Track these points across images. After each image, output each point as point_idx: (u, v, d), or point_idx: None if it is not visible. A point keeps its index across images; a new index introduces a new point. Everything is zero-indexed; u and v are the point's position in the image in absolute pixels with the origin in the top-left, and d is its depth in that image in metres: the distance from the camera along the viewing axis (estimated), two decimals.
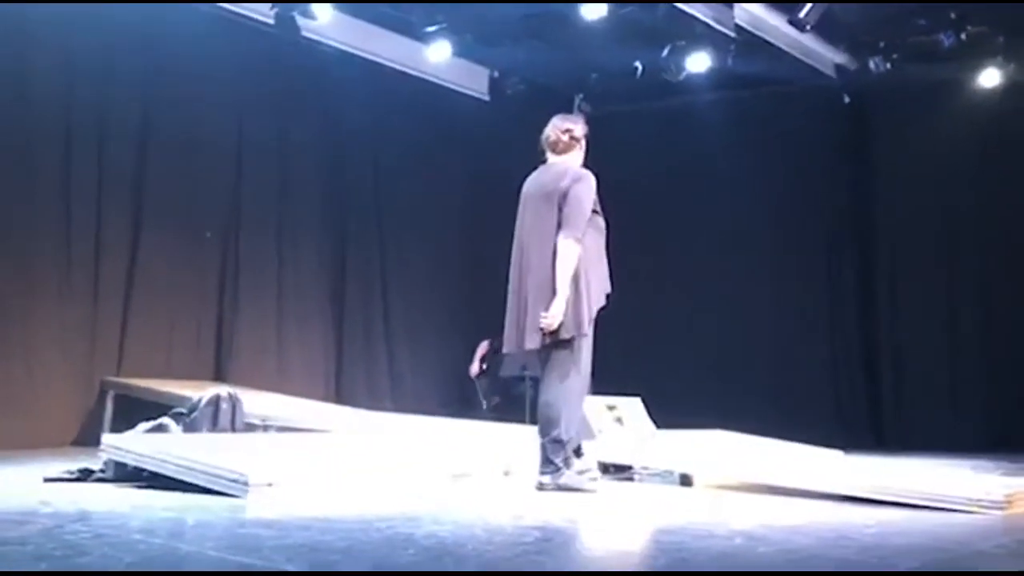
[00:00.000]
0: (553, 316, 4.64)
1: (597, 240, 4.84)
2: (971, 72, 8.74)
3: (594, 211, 4.82)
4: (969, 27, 8.20)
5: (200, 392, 5.57)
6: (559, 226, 4.74)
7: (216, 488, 4.25)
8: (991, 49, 8.54)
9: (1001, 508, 4.20)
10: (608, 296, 4.87)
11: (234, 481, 4.22)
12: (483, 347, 9.19)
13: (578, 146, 5.01)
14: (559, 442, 4.72)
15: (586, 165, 5.03)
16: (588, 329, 4.71)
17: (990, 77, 8.69)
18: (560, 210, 4.75)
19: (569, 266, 4.68)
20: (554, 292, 4.66)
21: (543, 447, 4.76)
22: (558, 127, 5.02)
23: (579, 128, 5.05)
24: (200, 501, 4.12)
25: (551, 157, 5.02)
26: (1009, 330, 8.60)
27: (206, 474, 4.29)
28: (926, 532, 3.88)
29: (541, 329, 4.68)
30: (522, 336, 4.77)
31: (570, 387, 4.74)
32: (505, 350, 5.10)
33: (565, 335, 4.68)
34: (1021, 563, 3.16)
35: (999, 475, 5.53)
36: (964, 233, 9.02)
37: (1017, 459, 5.93)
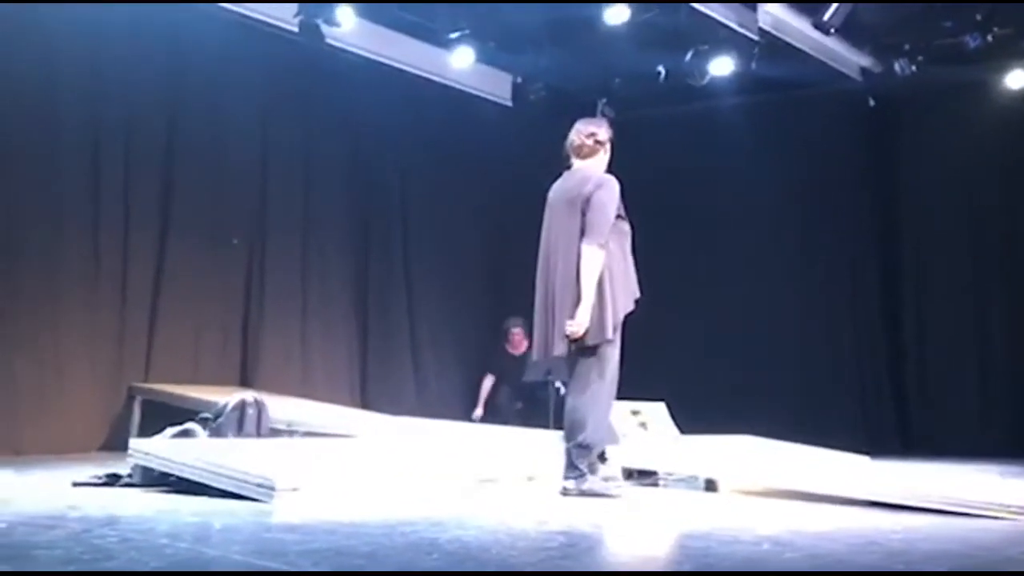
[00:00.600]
0: (579, 323, 4.64)
1: (622, 244, 4.82)
2: (997, 74, 8.66)
3: (618, 216, 4.80)
4: (995, 29, 8.12)
5: (226, 397, 5.60)
6: (583, 232, 4.72)
7: (242, 493, 4.28)
8: (1017, 51, 8.46)
9: None
10: (637, 301, 4.85)
11: (260, 486, 4.24)
12: (485, 387, 9.11)
13: (602, 150, 4.98)
14: (584, 447, 4.71)
15: (611, 170, 5.01)
16: (614, 335, 4.69)
17: (1017, 79, 8.61)
18: (583, 216, 4.74)
19: (593, 272, 4.67)
20: (579, 299, 4.64)
21: (568, 452, 4.75)
22: (582, 132, 5.00)
23: (603, 132, 5.03)
24: (226, 506, 4.14)
25: (575, 162, 5.00)
26: None
27: (232, 479, 4.32)
28: (954, 538, 3.84)
29: (567, 336, 4.67)
30: (551, 343, 4.77)
31: (596, 393, 4.72)
32: (534, 357, 5.13)
33: (590, 342, 4.67)
34: None
35: None
36: (991, 237, 8.94)
37: None
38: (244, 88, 8.09)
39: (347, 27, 7.94)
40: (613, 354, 4.73)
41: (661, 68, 9.11)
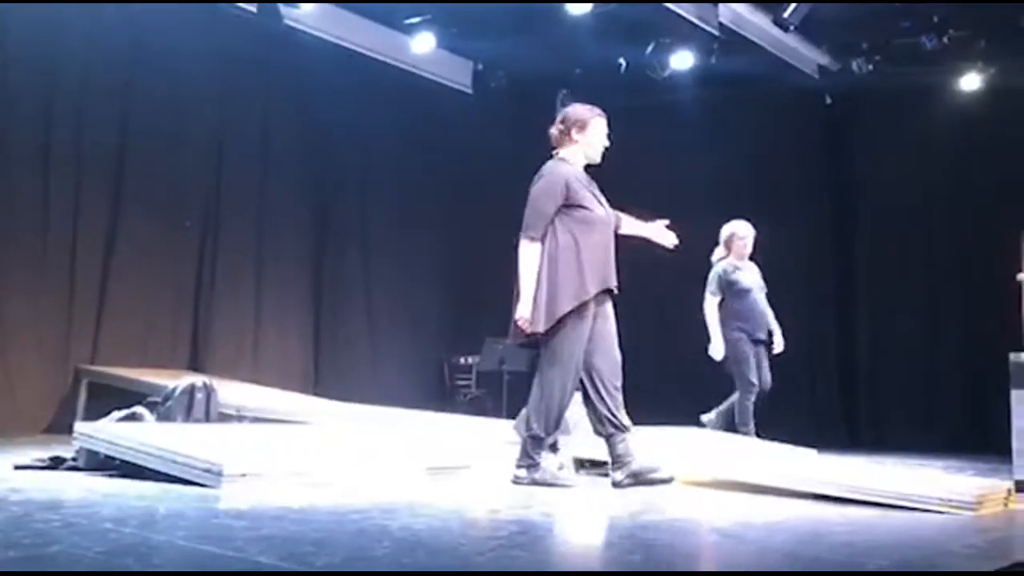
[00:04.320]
0: (520, 316, 4.64)
1: (584, 234, 4.67)
2: (952, 75, 8.79)
3: (576, 205, 4.69)
4: (951, 30, 8.25)
5: (175, 381, 5.53)
6: None
7: (189, 478, 4.22)
8: (972, 53, 8.60)
9: (972, 508, 4.23)
10: (612, 290, 4.77)
11: (208, 471, 4.19)
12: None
13: (569, 137, 4.84)
14: (535, 437, 4.71)
15: (611, 151, 4.90)
16: (552, 327, 4.60)
17: (970, 81, 8.75)
18: None
19: (525, 266, 4.65)
20: (519, 293, 4.65)
21: (522, 441, 4.75)
22: (557, 118, 4.91)
23: (574, 112, 4.86)
24: (173, 491, 4.08)
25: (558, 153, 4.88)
26: (985, 332, 8.66)
27: (180, 464, 4.26)
28: (897, 531, 3.90)
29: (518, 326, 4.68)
30: (510, 332, 4.78)
31: (548, 383, 4.69)
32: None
33: (534, 330, 4.64)
34: (991, 564, 3.18)
35: (970, 475, 5.57)
36: (942, 235, 9.09)
37: (989, 460, 5.98)
38: (201, 69, 7.97)
39: (306, 9, 7.86)
40: (564, 346, 4.64)
41: (622, 60, 9.13)
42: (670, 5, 7.85)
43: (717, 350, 6.78)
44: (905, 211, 9.26)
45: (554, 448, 4.94)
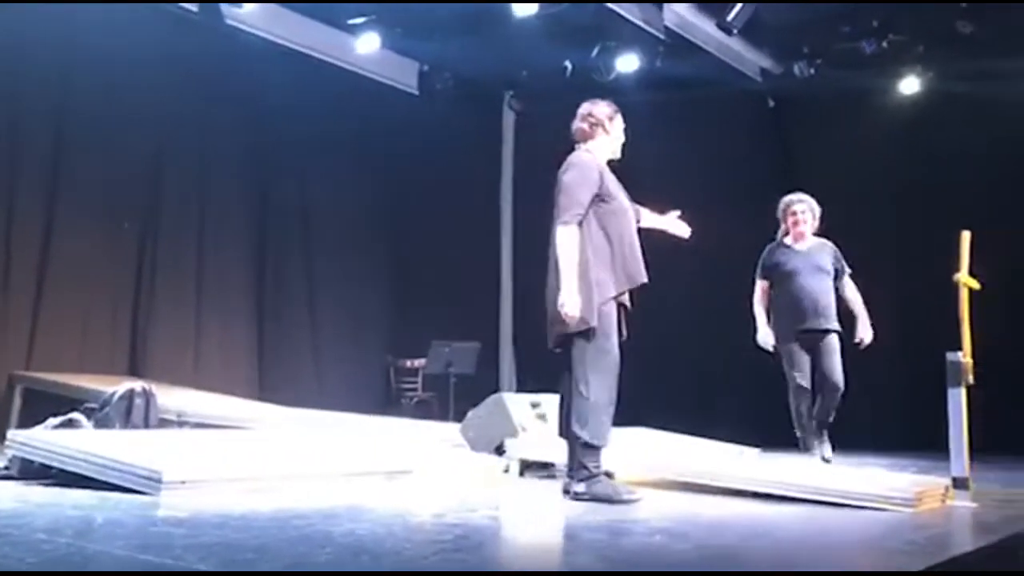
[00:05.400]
0: (567, 306, 4.27)
1: (615, 226, 4.48)
2: (892, 79, 8.95)
3: (604, 198, 4.49)
4: (891, 35, 8.41)
5: (113, 387, 5.43)
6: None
7: (128, 485, 4.14)
8: (911, 57, 8.76)
9: (911, 505, 4.30)
10: (643, 285, 4.57)
11: (146, 478, 4.11)
12: None
13: (601, 130, 4.66)
14: (590, 447, 4.36)
15: (628, 146, 4.77)
16: (597, 322, 4.32)
17: (910, 85, 8.92)
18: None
19: (565, 253, 4.33)
20: (559, 285, 4.35)
21: (572, 452, 4.43)
22: (579, 114, 4.73)
23: (600, 110, 4.69)
24: (111, 499, 4.00)
25: (577, 148, 4.71)
26: (925, 333, 8.82)
27: (117, 471, 4.18)
28: (839, 529, 3.96)
29: (561, 322, 4.35)
30: (548, 336, 4.48)
31: (596, 385, 4.33)
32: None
33: (572, 329, 4.34)
34: (928, 560, 3.23)
35: (912, 472, 5.66)
36: (882, 238, 9.23)
37: (932, 457, 6.09)
38: (139, 69, 7.81)
39: (249, 8, 7.76)
40: (605, 343, 4.34)
41: (568, 63, 9.16)
42: (616, 8, 7.88)
43: (764, 339, 6.25)
44: (845, 212, 9.36)
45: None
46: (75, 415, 5.03)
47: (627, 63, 8.81)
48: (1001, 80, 8.53)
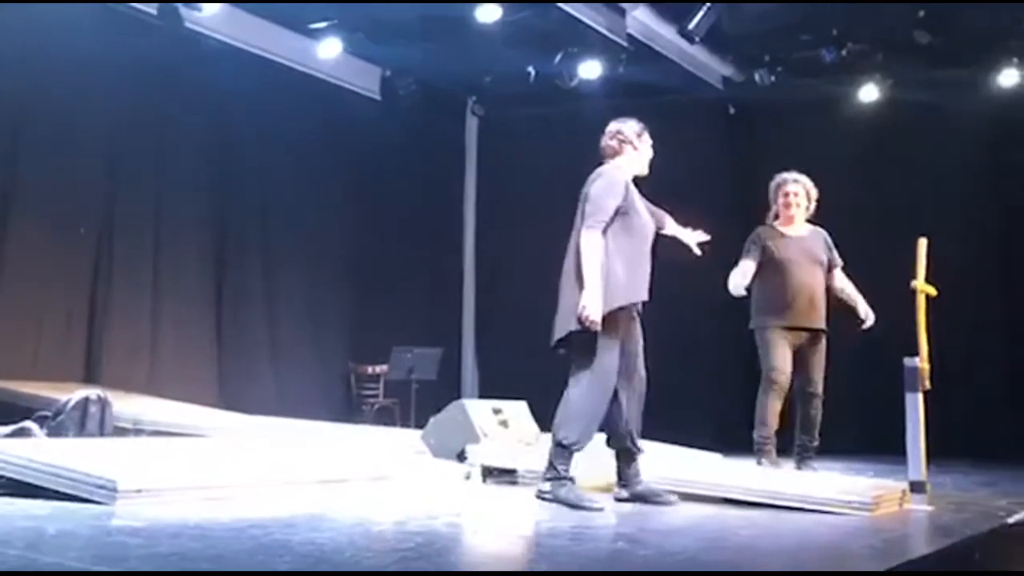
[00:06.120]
0: (587, 306, 4.33)
1: (632, 240, 4.57)
2: (851, 87, 9.06)
3: (630, 210, 4.60)
4: (850, 44, 8.52)
5: (67, 394, 5.33)
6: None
7: (82, 495, 4.05)
8: (870, 66, 8.88)
9: (869, 509, 4.34)
10: (641, 304, 4.62)
11: (101, 487, 4.03)
12: None
13: (629, 147, 4.79)
14: (562, 446, 4.42)
15: (653, 167, 4.89)
16: (607, 324, 4.39)
17: (869, 92, 9.03)
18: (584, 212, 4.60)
19: (588, 256, 4.41)
20: (581, 285, 4.40)
21: (549, 450, 4.51)
22: (608, 132, 4.85)
23: (629, 128, 4.81)
24: (64, 509, 3.91)
25: (604, 163, 4.82)
26: (883, 337, 8.91)
27: (71, 480, 4.08)
28: (798, 533, 3.98)
29: (580, 319, 4.39)
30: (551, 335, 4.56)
31: (587, 387, 4.43)
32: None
33: (574, 327, 4.40)
34: (886, 563, 3.26)
35: (870, 476, 5.72)
36: (842, 241, 9.31)
37: (888, 461, 6.15)
38: (97, 73, 7.70)
39: (209, 11, 7.69)
40: (605, 352, 4.42)
41: (531, 68, 9.18)
42: (579, 15, 7.91)
43: (737, 286, 5.74)
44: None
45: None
46: (27, 424, 4.93)
47: (590, 70, 8.85)
48: (957, 88, 8.68)
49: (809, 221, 6.09)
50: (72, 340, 7.67)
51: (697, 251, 5.14)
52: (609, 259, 4.47)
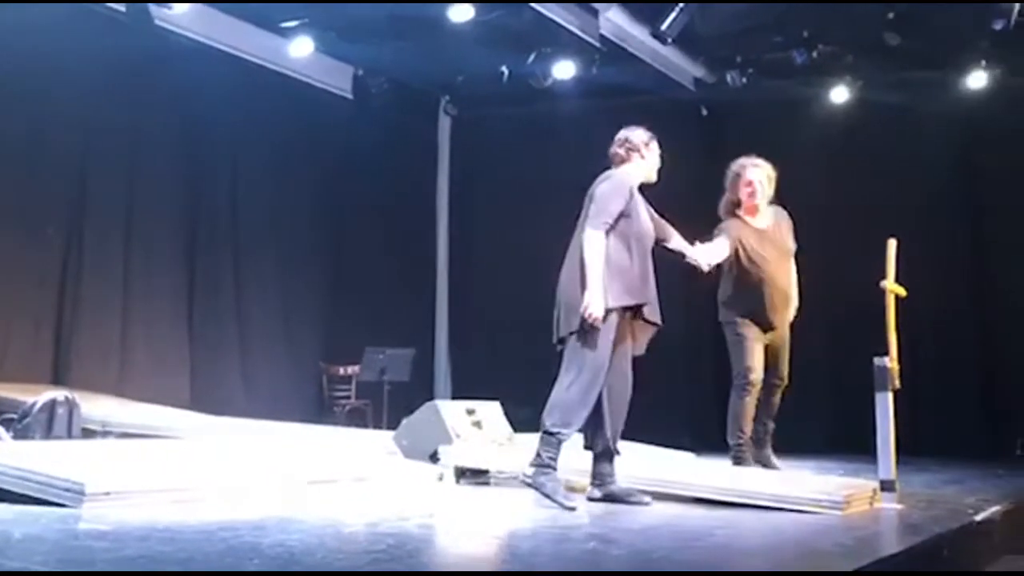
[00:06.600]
0: (591, 309, 4.42)
1: (628, 245, 4.61)
2: (822, 88, 9.12)
3: (632, 215, 4.66)
4: (820, 46, 8.57)
5: (34, 396, 5.25)
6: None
7: (48, 498, 4.00)
8: (841, 67, 8.94)
9: (840, 508, 4.37)
10: (636, 307, 4.63)
11: (68, 490, 3.98)
12: None
13: (636, 155, 4.84)
14: (550, 434, 4.48)
15: (661, 175, 4.93)
16: (594, 324, 4.44)
17: (839, 94, 9.10)
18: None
19: (591, 254, 4.50)
20: (583, 285, 4.49)
21: (539, 438, 4.57)
22: (616, 140, 4.91)
23: (637, 136, 4.87)
24: (30, 513, 3.85)
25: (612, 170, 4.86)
26: (854, 337, 8.98)
27: (37, 483, 4.03)
28: (771, 532, 4.00)
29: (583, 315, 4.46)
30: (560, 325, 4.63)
31: (573, 381, 4.50)
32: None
33: (564, 331, 4.54)
34: (857, 561, 3.28)
35: (840, 475, 5.75)
36: (813, 241, 9.36)
37: (858, 460, 6.20)
38: (66, 69, 7.58)
39: (179, 10, 7.61)
40: (599, 348, 4.48)
41: (504, 68, 9.17)
42: (552, 15, 7.90)
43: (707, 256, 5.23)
44: None
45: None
46: None
47: (563, 70, 8.85)
48: (927, 90, 8.76)
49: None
50: (39, 341, 7.56)
51: (705, 267, 5.23)
52: (609, 260, 4.56)
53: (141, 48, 7.86)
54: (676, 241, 5.10)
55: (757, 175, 5.73)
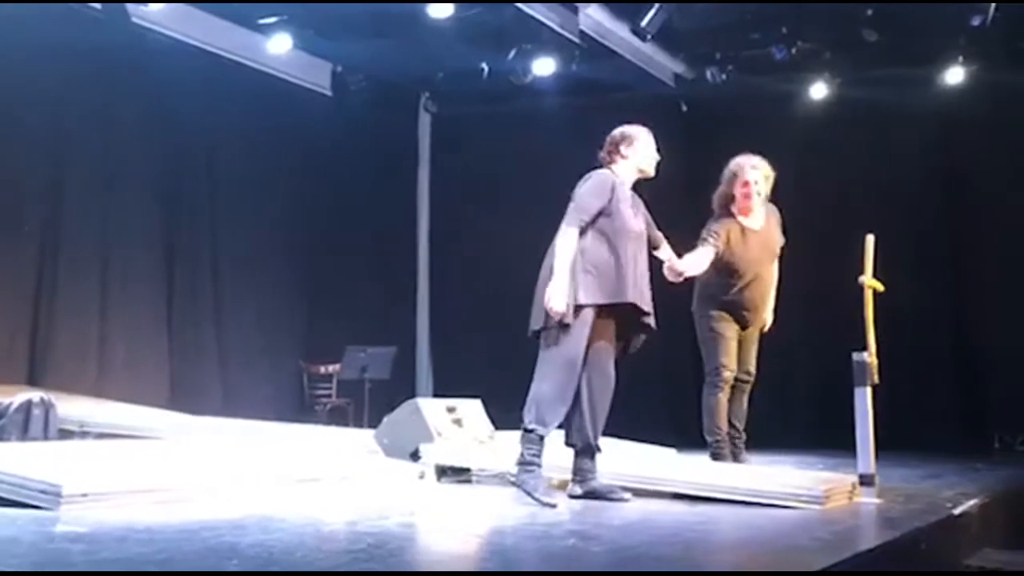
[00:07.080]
0: (552, 302, 4.44)
1: (608, 243, 4.60)
2: (801, 85, 9.16)
3: (615, 213, 4.66)
4: (799, 42, 8.61)
5: (9, 398, 5.20)
6: None
7: (24, 500, 3.96)
8: (819, 64, 8.99)
9: (820, 502, 4.39)
10: (619, 304, 4.60)
11: (44, 492, 3.94)
12: None
13: (618, 154, 4.87)
14: (529, 432, 4.52)
15: (660, 171, 4.97)
16: (563, 321, 4.47)
17: (818, 90, 9.14)
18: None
19: (561, 251, 4.52)
20: (550, 278, 4.52)
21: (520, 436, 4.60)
22: (605, 141, 4.93)
23: (615, 135, 4.92)
24: (5, 515, 3.81)
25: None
26: (833, 332, 9.03)
27: (12, 485, 3.99)
28: (750, 527, 4.01)
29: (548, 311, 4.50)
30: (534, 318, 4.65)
31: (544, 378, 4.53)
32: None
33: (547, 323, 4.53)
34: (835, 556, 3.29)
35: (820, 470, 5.78)
36: (792, 237, 9.39)
37: (838, 455, 6.23)
38: (41, 66, 7.52)
39: (156, 7, 7.56)
40: (570, 345, 4.49)
41: (484, 65, 9.15)
42: (532, 12, 7.90)
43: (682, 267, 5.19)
44: None
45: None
46: None
47: (544, 66, 8.84)
48: (905, 86, 8.81)
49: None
50: (15, 341, 7.50)
51: (680, 280, 5.29)
52: (584, 257, 4.56)
53: (118, 46, 7.80)
54: (664, 250, 5.15)
55: (755, 176, 5.73)
